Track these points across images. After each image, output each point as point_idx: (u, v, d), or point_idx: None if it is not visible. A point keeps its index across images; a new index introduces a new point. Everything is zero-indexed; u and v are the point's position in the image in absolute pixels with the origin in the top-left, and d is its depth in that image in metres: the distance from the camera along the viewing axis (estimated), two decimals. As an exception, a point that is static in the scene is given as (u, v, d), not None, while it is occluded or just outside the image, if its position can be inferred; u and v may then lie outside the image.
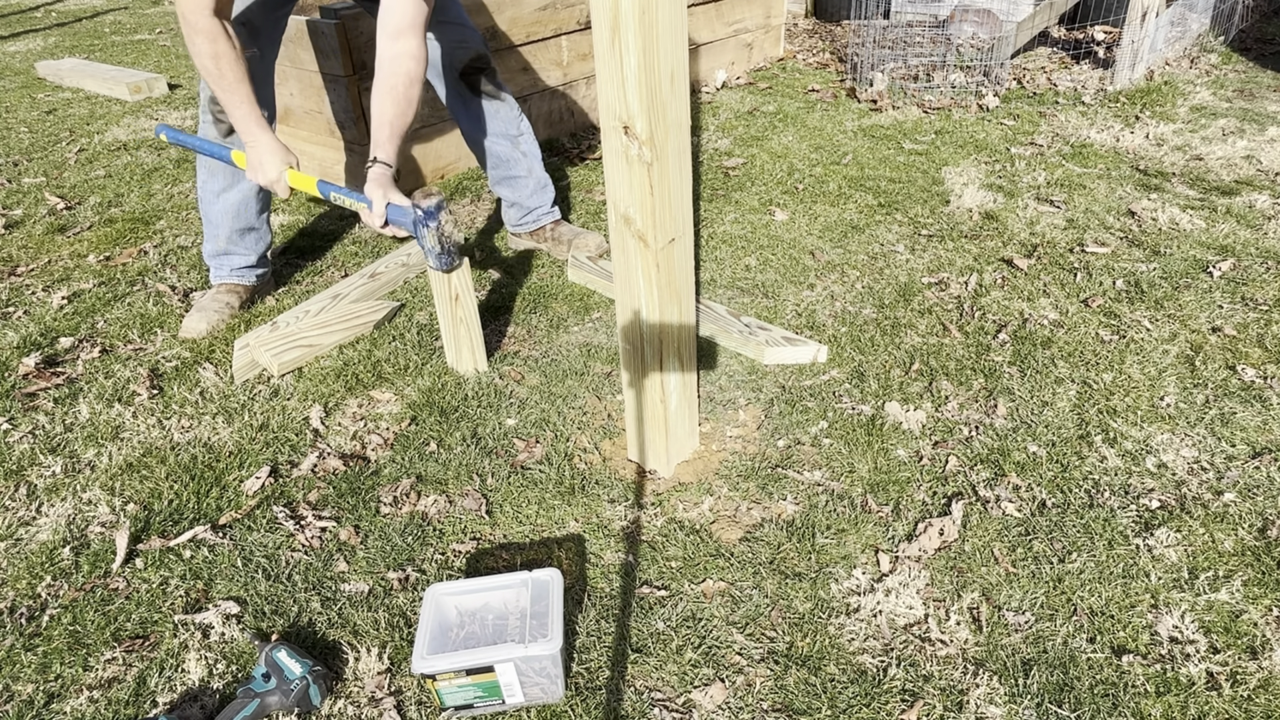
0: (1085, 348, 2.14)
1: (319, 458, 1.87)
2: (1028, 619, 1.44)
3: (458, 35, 2.34)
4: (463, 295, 2.01)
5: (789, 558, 1.58)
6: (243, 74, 1.92)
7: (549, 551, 1.62)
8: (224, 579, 1.57)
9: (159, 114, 4.27)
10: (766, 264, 2.61)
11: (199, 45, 1.85)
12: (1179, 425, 1.87)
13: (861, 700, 1.32)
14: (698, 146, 3.60)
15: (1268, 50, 4.56)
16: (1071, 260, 2.55)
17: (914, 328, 2.26)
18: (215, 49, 1.85)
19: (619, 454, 1.86)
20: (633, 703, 1.33)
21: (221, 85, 1.91)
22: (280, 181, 2.04)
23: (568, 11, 3.49)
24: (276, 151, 2.02)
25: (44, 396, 2.09)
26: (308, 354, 2.19)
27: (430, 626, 1.33)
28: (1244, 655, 1.37)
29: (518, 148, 2.56)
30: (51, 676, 1.40)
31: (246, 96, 1.94)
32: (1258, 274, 2.42)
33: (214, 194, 2.30)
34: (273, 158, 2.01)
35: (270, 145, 2.01)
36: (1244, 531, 1.60)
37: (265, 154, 2.01)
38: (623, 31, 1.26)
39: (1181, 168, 3.15)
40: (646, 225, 1.44)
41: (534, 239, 2.73)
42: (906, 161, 3.33)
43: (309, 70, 2.98)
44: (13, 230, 3.00)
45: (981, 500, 1.69)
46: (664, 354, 1.61)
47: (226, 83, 1.91)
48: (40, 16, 7.02)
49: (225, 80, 1.90)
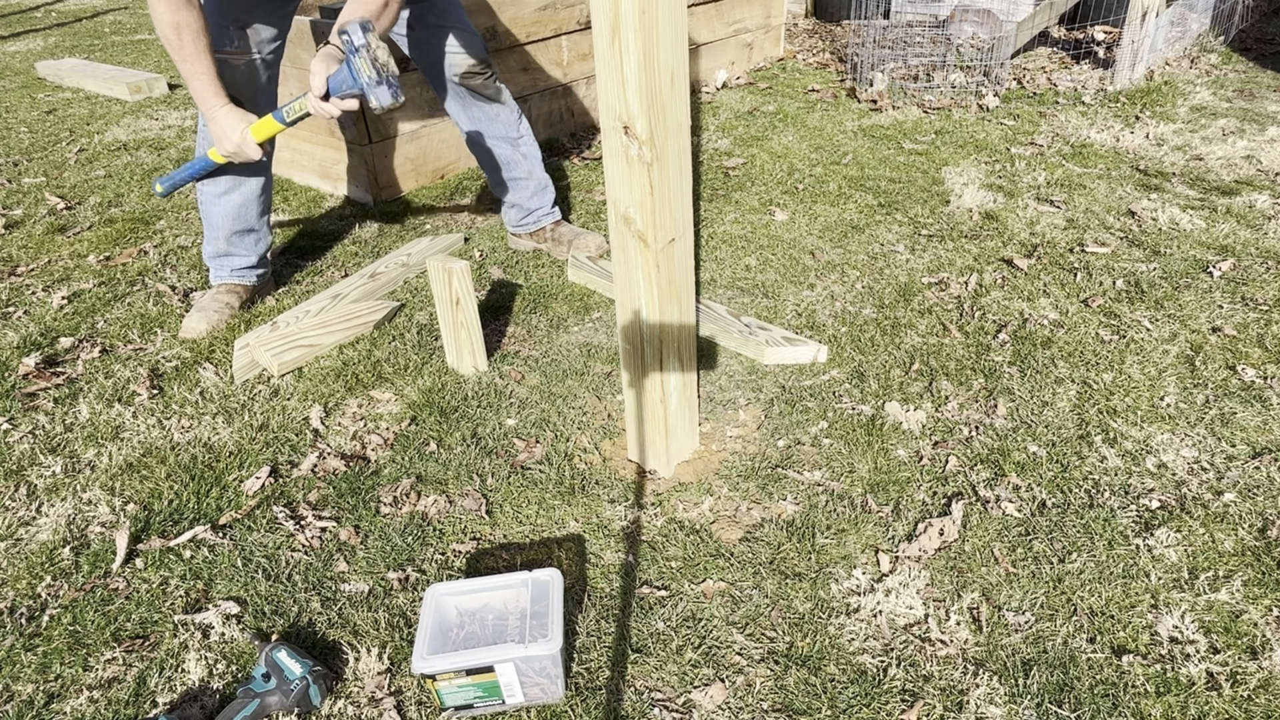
0: (1085, 348, 2.14)
1: (319, 458, 1.87)
2: (1028, 619, 1.44)
3: (459, 40, 2.34)
4: (463, 299, 2.01)
5: (789, 558, 1.58)
6: (204, 46, 1.89)
7: (549, 551, 1.62)
8: (224, 579, 1.57)
9: (159, 114, 4.27)
10: (766, 264, 2.61)
11: (160, 13, 1.82)
12: (1179, 425, 1.87)
13: (861, 700, 1.32)
14: (698, 146, 3.60)
15: (1268, 50, 4.56)
16: (1071, 260, 2.55)
17: (914, 328, 2.26)
18: (177, 18, 1.83)
19: (619, 454, 1.86)
20: (633, 703, 1.33)
21: (181, 55, 1.89)
22: (246, 142, 2.02)
23: (568, 11, 3.49)
24: (234, 116, 2.00)
25: (44, 396, 2.09)
26: (308, 354, 2.19)
27: (430, 626, 1.33)
28: (1244, 655, 1.37)
29: (518, 150, 2.56)
30: (51, 676, 1.40)
31: (206, 68, 1.92)
32: (1258, 274, 2.42)
33: (214, 196, 2.30)
34: (233, 124, 2.00)
35: (229, 113, 2.00)
36: (1244, 531, 1.60)
37: (225, 123, 2.00)
38: (623, 32, 1.26)
39: (1181, 168, 3.15)
40: (646, 225, 1.44)
41: (534, 239, 2.73)
42: (906, 161, 3.33)
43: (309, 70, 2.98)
44: (13, 230, 3.00)
45: (981, 500, 1.69)
46: (664, 354, 1.61)
47: (187, 52, 1.88)
48: (40, 16, 7.02)
49: (185, 50, 1.88)
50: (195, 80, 1.94)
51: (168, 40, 1.87)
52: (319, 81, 1.85)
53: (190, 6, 1.84)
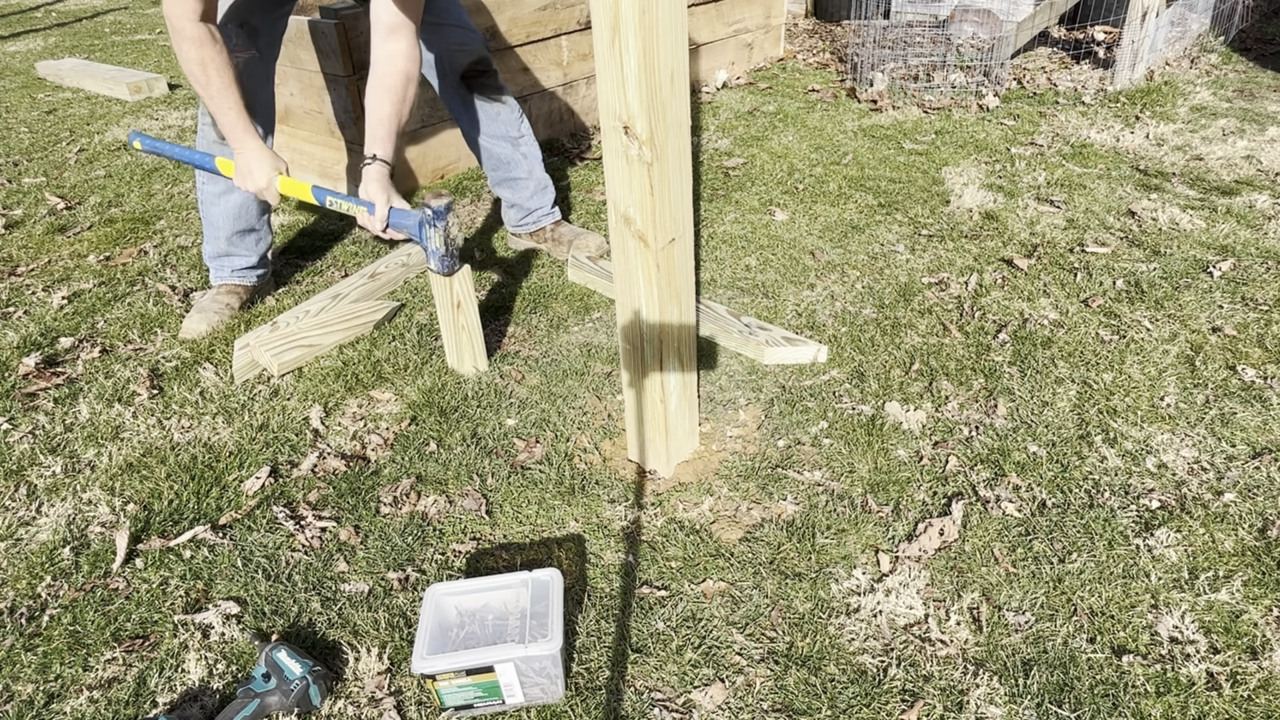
0: (1085, 348, 2.14)
1: (319, 458, 1.87)
2: (1028, 619, 1.44)
3: (458, 38, 2.34)
4: (465, 303, 2.01)
5: (789, 558, 1.58)
6: (230, 80, 1.91)
7: (549, 551, 1.62)
8: (224, 579, 1.57)
9: (159, 114, 4.27)
10: (766, 264, 2.61)
11: (186, 51, 1.84)
12: (1179, 425, 1.87)
13: (861, 700, 1.32)
14: (698, 146, 3.60)
15: (1268, 50, 4.56)
16: (1071, 260, 2.55)
17: (914, 328, 2.26)
18: (202, 55, 1.84)
19: (619, 454, 1.86)
20: (633, 703, 1.33)
21: (209, 92, 1.91)
22: (270, 189, 2.03)
23: (568, 11, 3.49)
24: (265, 158, 2.01)
25: (44, 396, 2.09)
26: (308, 354, 2.19)
27: (430, 626, 1.33)
28: (1244, 655, 1.37)
29: (518, 149, 2.56)
30: (51, 676, 1.40)
31: (235, 103, 1.93)
32: (1258, 274, 2.42)
33: (214, 196, 2.30)
34: (261, 165, 2.01)
35: (259, 151, 2.00)
36: (1244, 531, 1.60)
37: (254, 161, 2.00)
38: (623, 32, 1.26)
39: (1181, 168, 3.15)
40: (646, 225, 1.44)
41: (534, 239, 2.73)
42: (906, 161, 3.33)
43: (309, 70, 2.98)
44: (13, 230, 3.00)
45: (981, 500, 1.69)
46: (664, 354, 1.61)
47: (214, 89, 1.90)
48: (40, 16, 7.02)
49: (213, 86, 1.90)
50: (224, 115, 1.95)
51: (194, 77, 1.88)
52: (382, 213, 1.91)
53: (215, 43, 1.85)
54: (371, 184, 1.92)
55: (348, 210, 1.97)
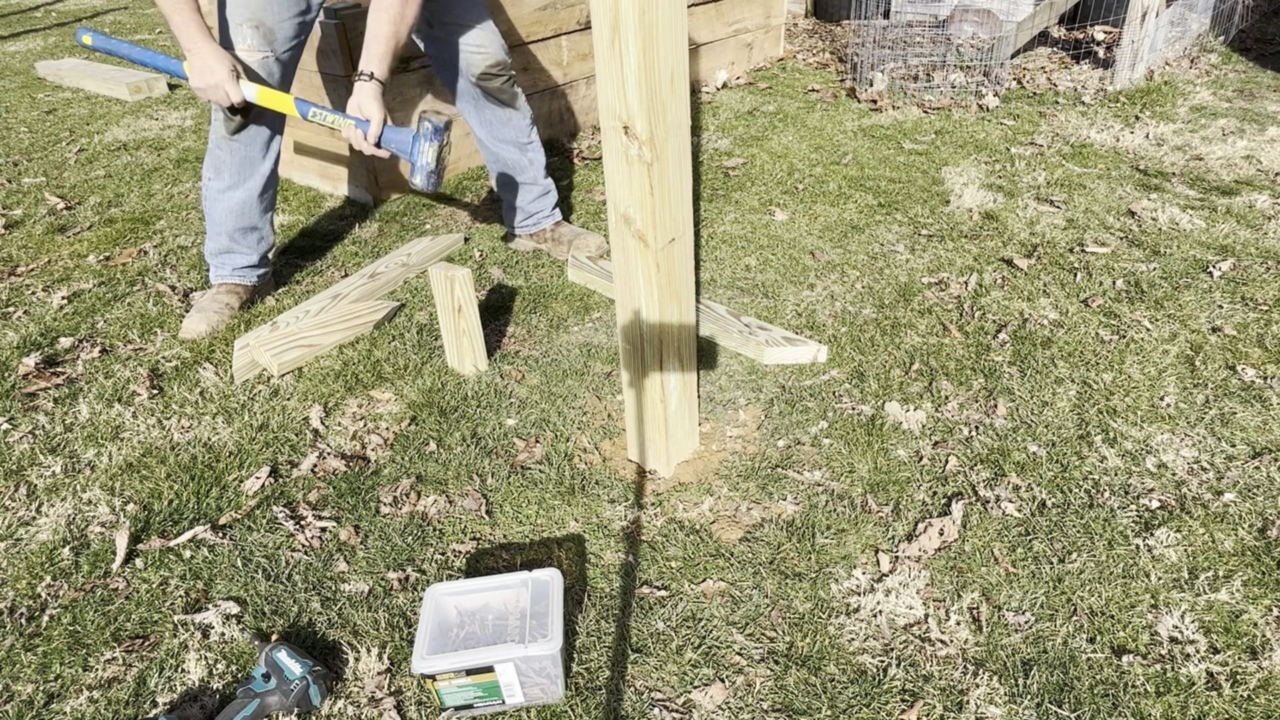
0: (1085, 348, 2.14)
1: (319, 458, 1.87)
2: (1028, 619, 1.44)
3: (477, 39, 2.32)
4: (466, 307, 2.02)
5: (789, 558, 1.58)
6: None
7: (549, 551, 1.62)
8: (224, 579, 1.57)
9: (159, 114, 4.27)
10: (766, 264, 2.61)
11: None
12: (1179, 425, 1.87)
13: (861, 700, 1.32)
14: (698, 146, 3.60)
15: (1268, 50, 4.56)
16: (1071, 260, 2.55)
17: (914, 328, 2.26)
18: None
19: (619, 454, 1.86)
20: (633, 703, 1.33)
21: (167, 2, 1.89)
22: (228, 81, 2.01)
23: (568, 11, 3.49)
24: (223, 55, 2.00)
25: (44, 396, 2.09)
26: (308, 354, 2.19)
27: (430, 626, 1.33)
28: (1244, 655, 1.37)
29: (525, 154, 2.57)
30: (51, 676, 1.40)
31: (189, 5, 1.93)
32: (1258, 274, 2.42)
33: (217, 192, 2.30)
34: (219, 60, 2.00)
35: (215, 51, 2.00)
36: (1244, 531, 1.60)
37: (210, 58, 1.99)
38: (623, 32, 1.26)
39: (1181, 168, 3.15)
40: (646, 225, 1.44)
41: (534, 240, 2.73)
42: (906, 161, 3.33)
43: (309, 70, 2.98)
44: (13, 230, 3.00)
45: (981, 500, 1.69)
46: (664, 354, 1.61)
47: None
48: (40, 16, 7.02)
49: None
50: (176, 16, 1.93)
51: None
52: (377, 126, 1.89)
53: None
54: (366, 99, 1.90)
55: (333, 124, 1.95)
